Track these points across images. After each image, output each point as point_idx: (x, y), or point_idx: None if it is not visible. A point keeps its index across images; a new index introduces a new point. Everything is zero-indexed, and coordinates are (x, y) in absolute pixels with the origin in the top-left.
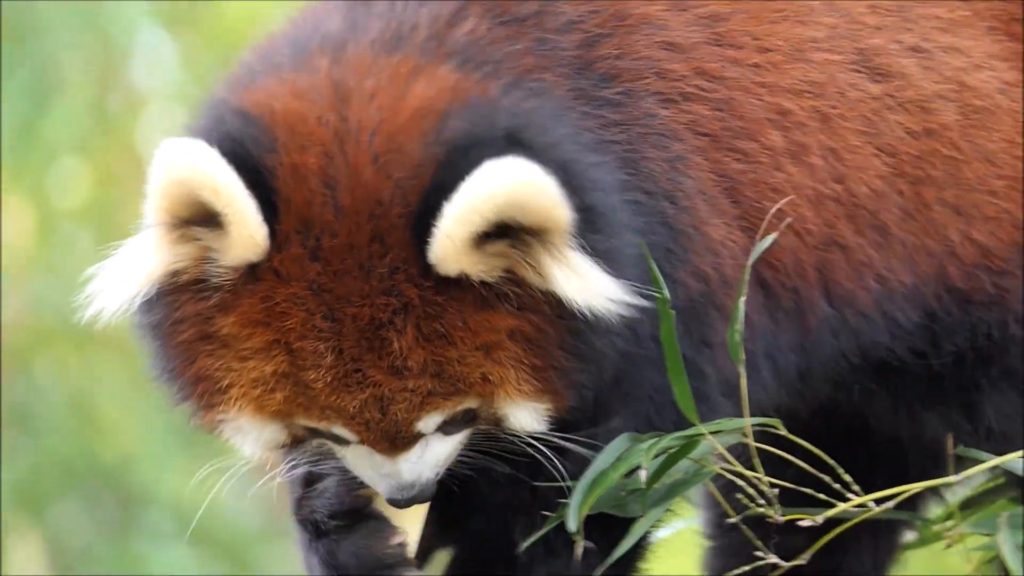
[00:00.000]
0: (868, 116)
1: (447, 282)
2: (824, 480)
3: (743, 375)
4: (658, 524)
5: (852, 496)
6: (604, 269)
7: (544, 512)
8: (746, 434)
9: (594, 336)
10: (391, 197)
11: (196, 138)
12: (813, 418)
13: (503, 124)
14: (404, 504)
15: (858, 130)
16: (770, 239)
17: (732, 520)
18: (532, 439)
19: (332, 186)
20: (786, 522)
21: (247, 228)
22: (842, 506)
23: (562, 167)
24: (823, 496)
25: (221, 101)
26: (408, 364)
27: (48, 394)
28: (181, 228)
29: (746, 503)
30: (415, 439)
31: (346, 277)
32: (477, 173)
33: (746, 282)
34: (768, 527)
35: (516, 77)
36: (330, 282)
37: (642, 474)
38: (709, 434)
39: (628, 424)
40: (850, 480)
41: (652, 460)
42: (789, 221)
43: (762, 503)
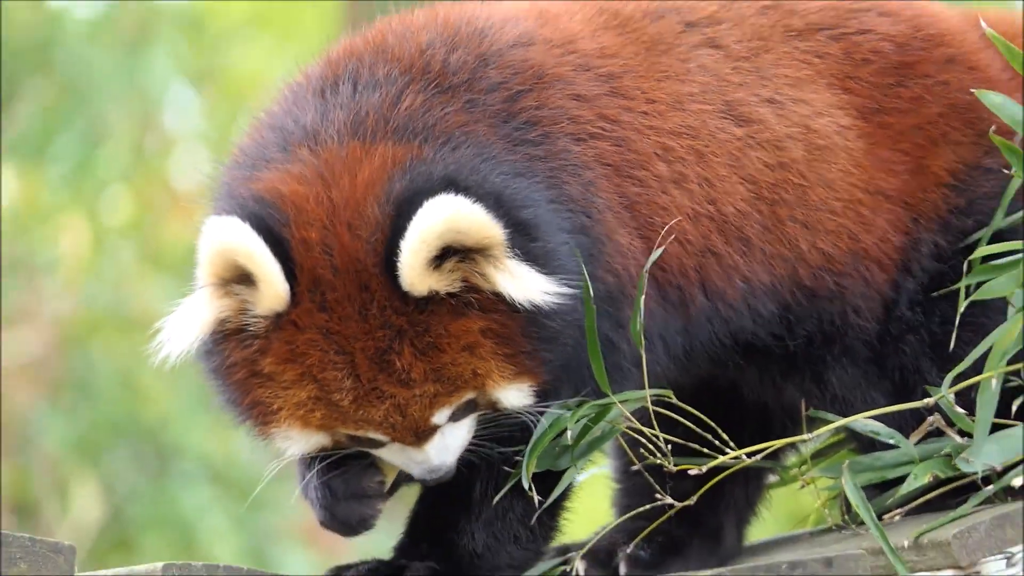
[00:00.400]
0: (734, 153)
1: (424, 301)
2: (707, 437)
3: (643, 355)
4: (581, 470)
5: (729, 450)
6: (537, 269)
7: (505, 468)
8: (646, 401)
9: (546, 320)
10: (365, 253)
11: (231, 217)
12: (698, 388)
13: (439, 174)
14: (432, 483)
15: (726, 163)
16: (660, 251)
17: (636, 467)
18: (523, 412)
19: (330, 252)
20: (677, 471)
21: (274, 286)
22: (721, 458)
23: (493, 194)
24: (706, 450)
25: (238, 187)
26: (412, 376)
27: (100, 369)
28: (225, 287)
29: (646, 455)
30: (434, 430)
31: (348, 321)
32: (419, 213)
33: (644, 284)
34: (664, 475)
35: (448, 134)
36: (336, 326)
37: (569, 434)
38: (618, 403)
39: (568, 393)
40: (727, 438)
41: (576, 424)
42: (674, 236)
43: (659, 455)
